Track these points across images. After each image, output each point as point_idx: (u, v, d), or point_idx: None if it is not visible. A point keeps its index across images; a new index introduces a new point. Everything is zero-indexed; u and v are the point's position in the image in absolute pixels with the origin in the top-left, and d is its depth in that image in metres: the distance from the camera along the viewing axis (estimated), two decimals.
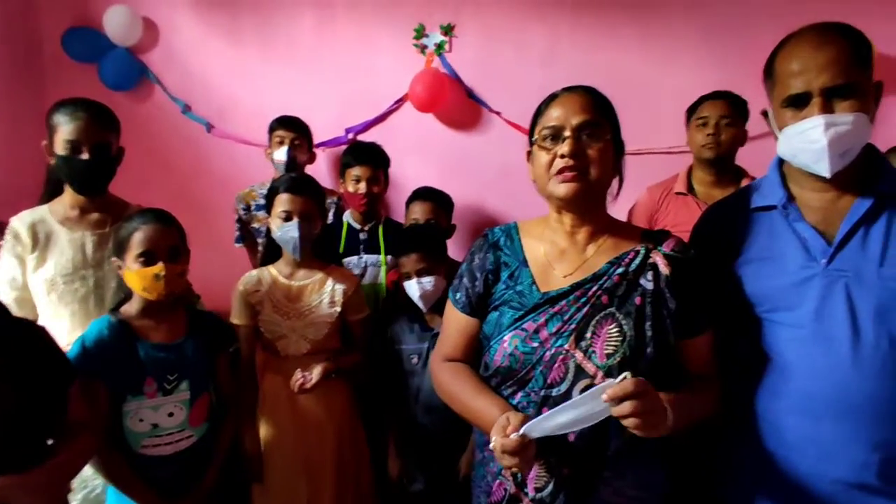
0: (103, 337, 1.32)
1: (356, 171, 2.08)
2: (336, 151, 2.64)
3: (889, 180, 1.01)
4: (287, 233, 1.61)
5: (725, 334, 1.09)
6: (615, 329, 0.98)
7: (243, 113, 2.72)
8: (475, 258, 1.14)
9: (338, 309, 1.67)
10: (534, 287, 1.05)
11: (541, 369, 1.00)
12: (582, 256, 1.06)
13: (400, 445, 1.78)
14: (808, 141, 0.98)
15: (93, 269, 1.52)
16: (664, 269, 1.02)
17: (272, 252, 1.73)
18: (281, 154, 2.24)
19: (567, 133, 1.00)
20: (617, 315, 0.99)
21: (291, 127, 2.29)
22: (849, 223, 1.00)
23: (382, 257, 2.10)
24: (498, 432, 0.90)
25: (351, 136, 2.67)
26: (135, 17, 2.63)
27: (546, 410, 0.97)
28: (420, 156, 2.64)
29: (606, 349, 0.98)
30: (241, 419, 1.61)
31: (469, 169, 2.63)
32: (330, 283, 1.69)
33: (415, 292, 1.70)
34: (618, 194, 1.10)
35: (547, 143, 1.03)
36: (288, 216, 1.61)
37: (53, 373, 1.15)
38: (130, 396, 1.33)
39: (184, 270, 1.41)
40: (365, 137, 2.60)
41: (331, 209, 2.31)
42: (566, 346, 0.99)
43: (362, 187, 2.07)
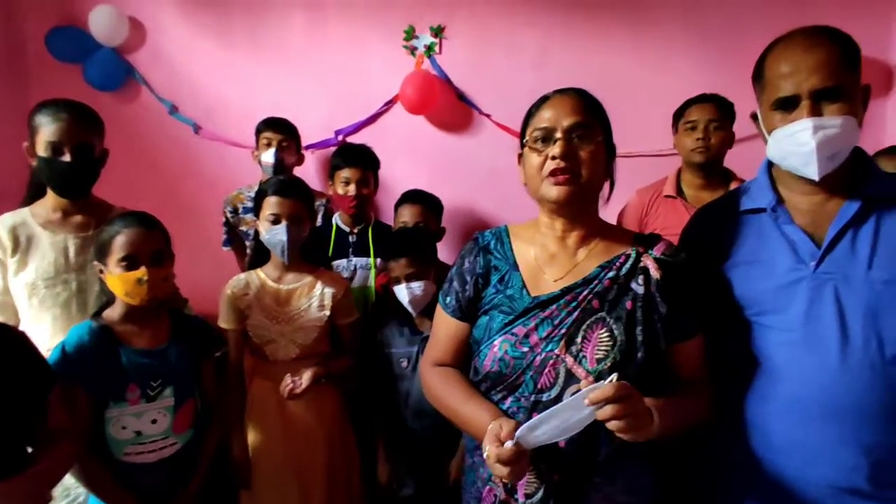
0: (84, 342, 1.29)
1: (345, 173, 2.07)
2: (325, 153, 2.63)
3: (877, 183, 1.01)
4: (275, 236, 1.59)
5: (714, 337, 1.08)
6: (606, 334, 0.98)
7: (232, 114, 2.69)
8: (465, 262, 1.13)
9: (327, 313, 1.66)
10: (524, 291, 1.04)
11: (531, 374, 0.99)
12: (573, 260, 1.06)
13: (389, 450, 1.77)
14: (797, 144, 0.98)
15: (75, 273, 1.50)
16: (655, 273, 1.01)
17: (260, 255, 1.71)
18: (268, 156, 2.22)
19: (558, 135, 1.00)
20: (608, 319, 0.99)
21: (279, 128, 2.27)
22: (837, 226, 1.00)
23: (372, 260, 2.08)
24: (491, 440, 0.89)
25: (340, 138, 2.65)
26: (121, 17, 2.60)
27: (536, 416, 0.96)
28: (410, 158, 2.63)
29: (597, 354, 0.97)
30: (229, 425, 1.59)
31: (459, 171, 2.62)
32: (319, 287, 1.67)
33: (404, 297, 1.68)
34: (609, 198, 1.10)
35: (538, 145, 1.02)
36: (276, 219, 1.59)
37: (33, 379, 1.13)
38: (112, 403, 1.30)
39: (168, 275, 1.38)
40: (355, 139, 2.59)
41: (319, 211, 2.29)
42: (556, 351, 0.98)
43: (351, 189, 2.06)
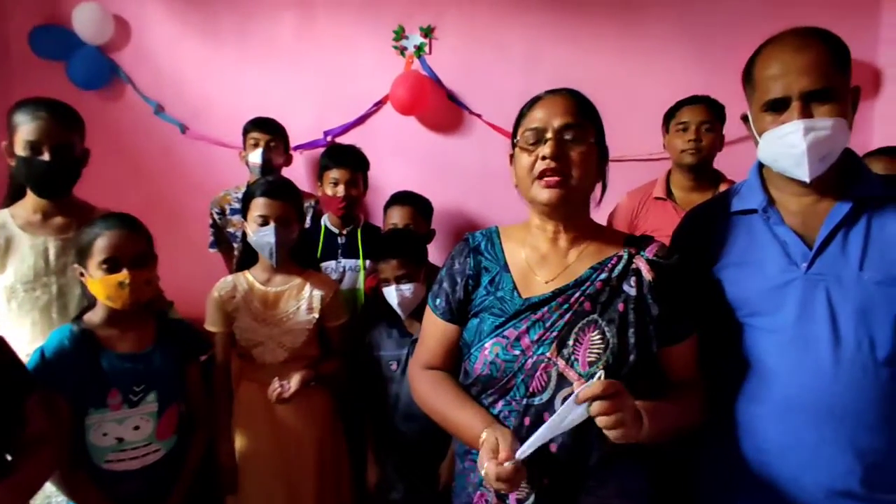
0: (64, 347, 1.26)
1: (334, 174, 2.05)
2: (314, 154, 2.60)
3: (867, 184, 1.01)
4: (263, 238, 1.57)
5: (706, 340, 1.08)
6: (598, 336, 0.97)
7: (219, 114, 2.66)
8: (455, 263, 1.11)
9: (316, 315, 1.64)
10: (515, 293, 1.03)
11: (522, 378, 0.98)
12: (564, 262, 1.05)
13: (378, 454, 1.76)
14: (788, 145, 0.98)
15: (55, 276, 1.46)
16: (647, 275, 1.01)
17: (248, 257, 1.69)
18: (256, 156, 2.20)
19: (549, 135, 0.99)
20: (600, 322, 0.98)
21: (266, 128, 2.24)
22: (828, 227, 1.00)
23: (361, 262, 2.06)
24: (488, 456, 0.88)
25: (329, 139, 2.63)
26: (105, 14, 2.56)
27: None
28: (400, 159, 2.61)
29: (589, 357, 0.96)
30: (216, 430, 1.56)
31: (449, 172, 2.61)
32: (308, 289, 1.65)
33: (393, 299, 1.67)
34: (601, 200, 1.09)
35: (529, 146, 1.01)
36: (264, 221, 1.57)
37: (11, 385, 1.10)
38: (93, 409, 1.27)
39: (151, 278, 1.36)
40: (344, 140, 2.57)
41: (308, 213, 2.27)
42: (548, 354, 0.97)
43: (340, 190, 2.04)
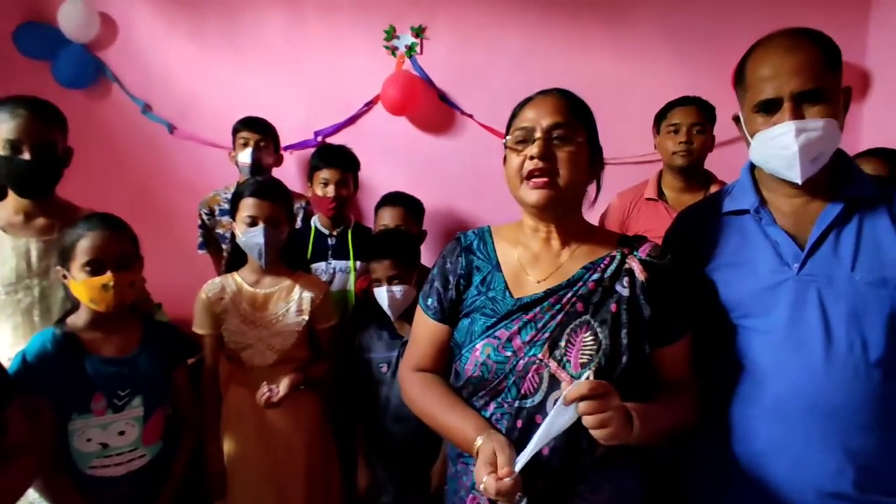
0: (46, 351, 1.24)
1: (324, 174, 2.03)
2: (305, 154, 2.58)
3: (858, 185, 1.01)
4: (252, 238, 1.55)
5: (699, 340, 1.07)
6: (590, 337, 0.96)
7: (208, 114, 2.63)
8: (447, 262, 1.10)
9: (305, 317, 1.62)
10: (507, 293, 1.02)
11: (514, 379, 0.97)
12: (556, 262, 1.04)
13: (369, 457, 1.74)
14: (780, 147, 0.98)
15: (38, 279, 1.43)
16: (640, 276, 1.00)
17: (237, 258, 1.67)
18: (245, 156, 2.17)
19: (537, 134, 0.98)
20: (592, 323, 0.97)
21: (256, 128, 2.22)
22: (820, 228, 1.00)
23: (352, 263, 2.05)
24: (487, 470, 0.86)
25: (320, 139, 2.61)
26: (91, 12, 2.52)
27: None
28: (391, 159, 2.60)
29: (581, 358, 0.95)
30: (204, 434, 1.54)
31: (441, 173, 2.60)
32: (297, 291, 1.63)
33: (384, 299, 1.66)
34: (595, 199, 1.08)
35: (518, 146, 1.01)
36: (253, 221, 1.55)
37: None
38: (77, 415, 1.25)
39: (135, 280, 1.33)
40: (335, 140, 2.55)
41: (299, 214, 2.26)
42: (540, 356, 0.96)
43: (330, 191, 2.02)
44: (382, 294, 1.66)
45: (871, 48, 2.36)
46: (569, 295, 0.99)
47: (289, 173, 2.55)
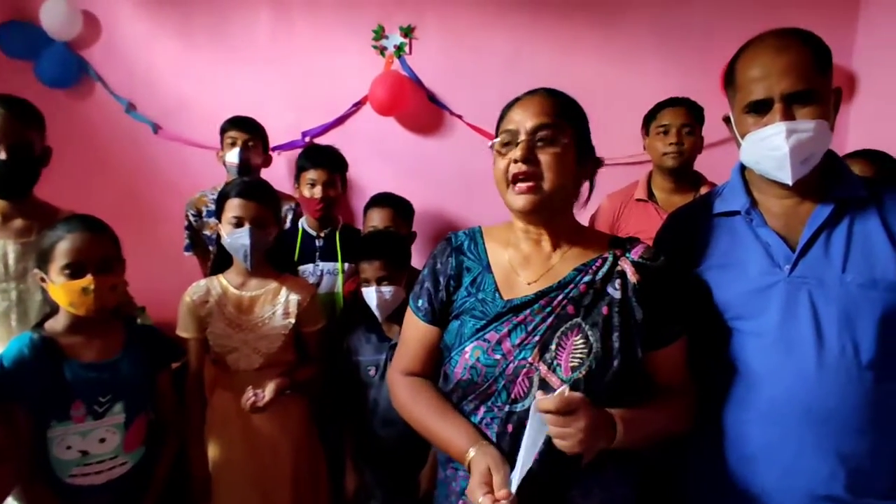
0: (24, 356, 1.20)
1: (311, 175, 2.01)
2: (296, 155, 2.55)
3: (849, 186, 1.01)
4: (237, 240, 1.52)
5: (691, 343, 1.06)
6: (581, 341, 0.95)
7: (193, 114, 2.59)
8: (437, 262, 1.09)
9: (292, 320, 1.59)
10: (497, 294, 1.01)
11: (503, 383, 0.95)
12: (547, 263, 1.03)
13: (356, 460, 1.72)
14: (771, 148, 0.97)
15: (15, 282, 1.40)
16: (632, 278, 0.99)
17: (223, 260, 1.64)
18: (233, 156, 2.14)
19: (521, 137, 0.97)
20: (583, 326, 0.95)
21: (244, 127, 2.19)
22: (810, 229, 0.99)
23: (340, 265, 2.02)
24: (482, 490, 0.85)
25: (308, 140, 2.58)
26: (74, 10, 2.48)
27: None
28: (379, 160, 2.58)
29: (571, 362, 0.94)
30: (188, 439, 1.51)
31: (430, 174, 2.59)
32: (284, 294, 1.61)
33: (372, 300, 1.64)
34: (587, 200, 1.07)
35: (504, 149, 0.99)
36: (239, 222, 1.53)
37: None
38: (55, 422, 1.22)
39: (117, 283, 1.30)
40: (322, 141, 2.52)
41: (288, 215, 2.23)
42: (530, 359, 0.95)
43: (318, 191, 2.00)
44: (371, 294, 1.64)
45: (858, 50, 2.38)
46: (560, 297, 0.97)
47: (278, 174, 2.51)
